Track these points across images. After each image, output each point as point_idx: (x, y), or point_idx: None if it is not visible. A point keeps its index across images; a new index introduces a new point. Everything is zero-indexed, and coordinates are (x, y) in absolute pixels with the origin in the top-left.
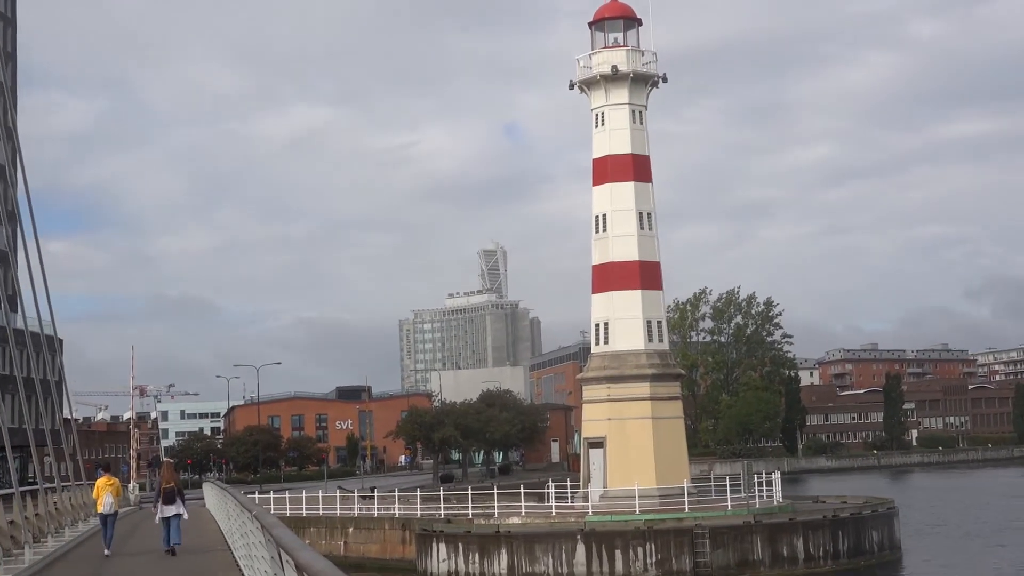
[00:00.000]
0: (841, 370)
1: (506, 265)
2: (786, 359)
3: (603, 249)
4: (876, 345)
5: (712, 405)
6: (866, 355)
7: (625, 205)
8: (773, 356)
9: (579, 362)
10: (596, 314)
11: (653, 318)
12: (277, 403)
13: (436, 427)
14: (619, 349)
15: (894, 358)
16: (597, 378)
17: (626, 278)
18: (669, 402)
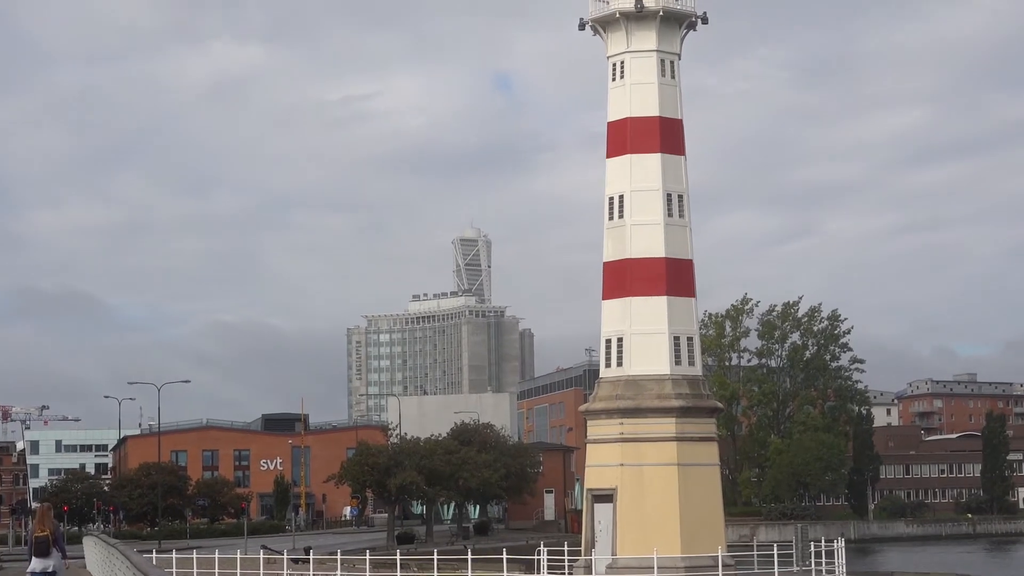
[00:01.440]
0: (928, 407)
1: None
2: (856, 391)
3: (619, 241)
4: (975, 376)
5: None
6: (961, 389)
7: (649, 184)
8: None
9: (583, 389)
10: (607, 327)
11: (682, 333)
12: (184, 434)
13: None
14: (637, 373)
15: (997, 393)
16: (607, 411)
17: (648, 280)
18: (701, 444)
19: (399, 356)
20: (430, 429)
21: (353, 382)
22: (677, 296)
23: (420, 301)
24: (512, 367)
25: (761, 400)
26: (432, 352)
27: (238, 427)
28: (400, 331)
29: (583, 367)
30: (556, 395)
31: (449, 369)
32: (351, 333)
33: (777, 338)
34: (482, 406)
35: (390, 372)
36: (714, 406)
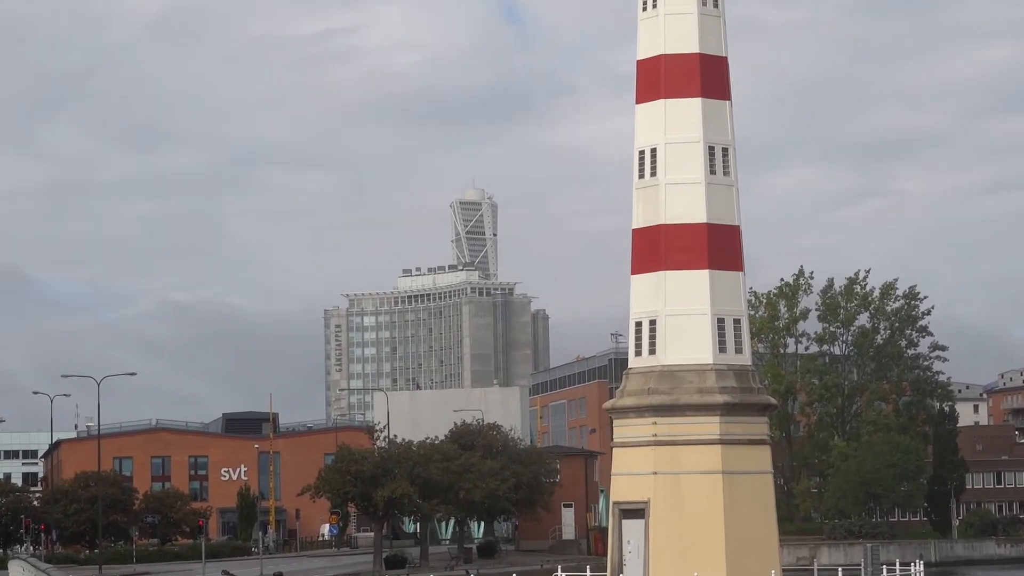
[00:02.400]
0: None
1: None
2: (937, 384)
3: (651, 204)
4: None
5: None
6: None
7: (687, 135)
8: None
9: (609, 382)
10: (638, 307)
11: (728, 315)
12: (129, 437)
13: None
14: (673, 363)
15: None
16: (637, 408)
17: (686, 250)
18: (751, 448)
19: (387, 343)
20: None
21: (332, 374)
22: (722, 270)
23: (412, 277)
24: (523, 356)
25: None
26: (427, 338)
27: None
28: (388, 313)
29: (608, 355)
30: (576, 389)
31: (447, 358)
32: (329, 316)
33: (842, 320)
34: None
35: (376, 362)
36: (766, 402)
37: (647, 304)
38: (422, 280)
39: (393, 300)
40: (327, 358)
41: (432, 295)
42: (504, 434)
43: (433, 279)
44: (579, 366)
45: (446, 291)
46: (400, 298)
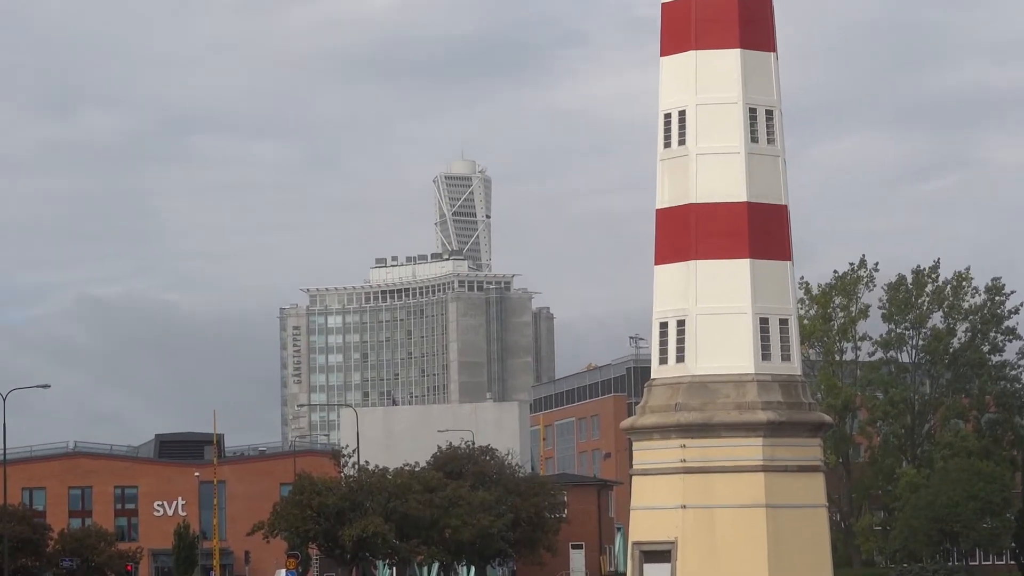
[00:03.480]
0: None
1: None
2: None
3: (679, 179)
4: None
5: (883, 484)
6: None
7: (724, 94)
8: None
9: (627, 396)
10: (663, 304)
11: (772, 313)
12: (42, 463)
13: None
14: (706, 372)
15: None
16: (662, 428)
17: (722, 235)
18: (801, 477)
19: (357, 348)
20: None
21: (289, 387)
22: (765, 259)
23: (387, 268)
24: (522, 364)
25: (888, 411)
26: (405, 343)
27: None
28: (358, 312)
29: (626, 364)
30: (587, 405)
31: (430, 367)
32: (286, 315)
33: (911, 320)
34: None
35: (343, 372)
36: (819, 420)
37: (674, 301)
38: (399, 272)
39: (364, 296)
40: (283, 367)
41: (412, 290)
42: (499, 459)
43: (413, 270)
44: (591, 377)
45: (429, 285)
46: (372, 293)
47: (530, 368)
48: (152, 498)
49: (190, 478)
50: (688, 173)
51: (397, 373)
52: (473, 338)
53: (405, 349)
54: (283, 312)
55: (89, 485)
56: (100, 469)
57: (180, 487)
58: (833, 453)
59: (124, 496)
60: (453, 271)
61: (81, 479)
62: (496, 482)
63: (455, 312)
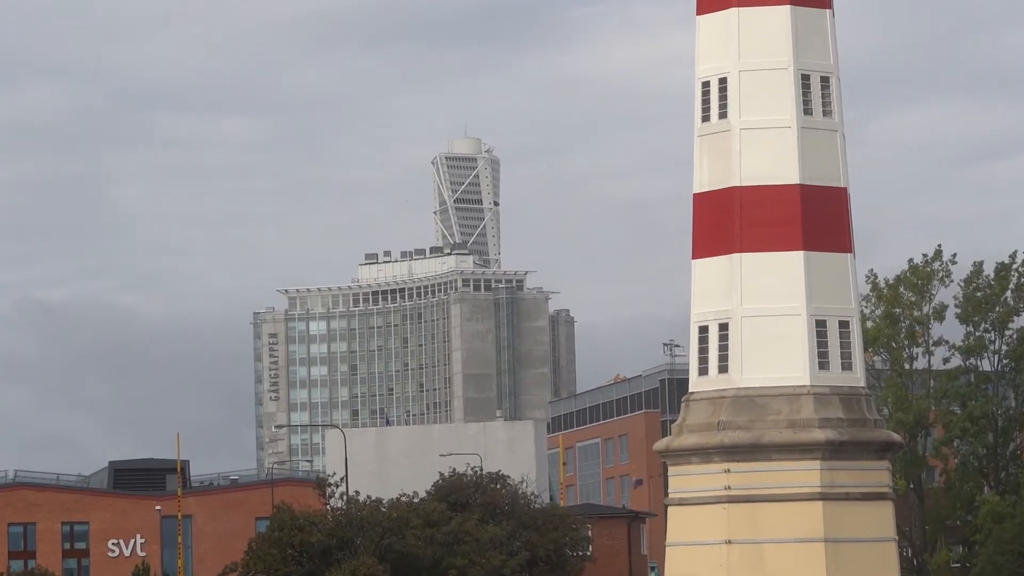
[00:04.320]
0: None
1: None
2: None
3: (720, 159)
4: None
5: (961, 513)
6: None
7: (771, 58)
8: None
9: (661, 413)
10: (702, 305)
11: (831, 315)
12: None
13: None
14: (754, 385)
15: None
16: (703, 450)
17: (772, 224)
18: (865, 505)
19: (344, 359)
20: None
21: (265, 405)
22: (822, 251)
23: (379, 264)
24: (538, 376)
25: (967, 428)
26: (401, 352)
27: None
28: (345, 316)
29: (660, 375)
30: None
31: (430, 380)
32: (261, 321)
33: (993, 322)
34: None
35: (329, 387)
36: (887, 439)
37: (715, 301)
38: (393, 269)
39: (352, 298)
40: (258, 381)
41: (408, 290)
42: (512, 488)
43: (409, 267)
44: (618, 390)
45: (427, 284)
46: (362, 295)
47: (547, 381)
48: (106, 536)
49: (150, 512)
50: (731, 151)
51: (391, 388)
52: (480, 346)
53: (400, 360)
54: (257, 317)
55: (32, 521)
56: (45, 502)
57: (138, 523)
58: (903, 478)
59: (73, 534)
60: (456, 268)
61: (23, 514)
62: (508, 514)
63: (459, 316)
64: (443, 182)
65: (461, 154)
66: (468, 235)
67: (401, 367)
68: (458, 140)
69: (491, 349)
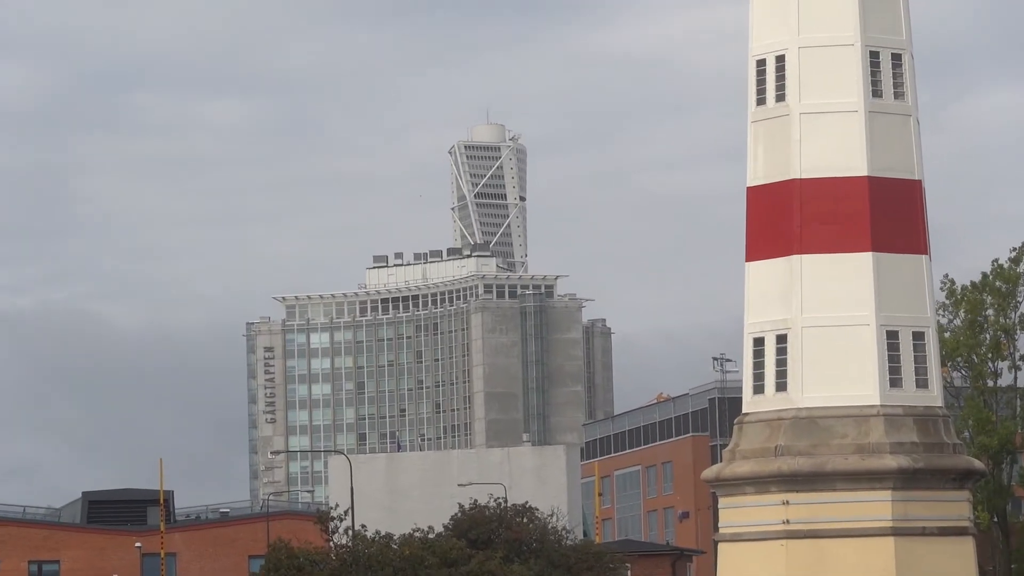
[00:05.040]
0: None
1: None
2: None
3: (776, 147)
4: None
5: None
6: None
7: (836, 32)
8: None
9: (711, 437)
10: (757, 314)
11: (904, 324)
12: None
13: None
14: (816, 405)
15: None
16: (758, 478)
17: (837, 222)
18: (943, 542)
19: (349, 376)
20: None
21: (261, 428)
22: (893, 252)
23: (389, 268)
24: (570, 395)
25: None
26: (414, 367)
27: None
28: (351, 327)
29: (710, 394)
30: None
31: (448, 399)
32: (255, 332)
33: None
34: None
35: (332, 407)
36: (967, 467)
37: (772, 310)
38: (405, 273)
39: (359, 306)
40: (252, 401)
41: (422, 297)
42: (541, 522)
43: (423, 271)
44: (662, 411)
45: (444, 291)
46: (370, 303)
47: (580, 400)
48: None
49: (129, 550)
50: (789, 139)
51: (403, 409)
52: (504, 361)
53: (414, 376)
54: (251, 328)
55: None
56: (10, 538)
57: (116, 561)
58: (985, 510)
59: (42, 573)
60: (476, 272)
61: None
62: (537, 552)
63: (480, 327)
64: (462, 174)
65: (483, 142)
66: (490, 235)
67: (415, 385)
68: (479, 126)
69: (517, 364)
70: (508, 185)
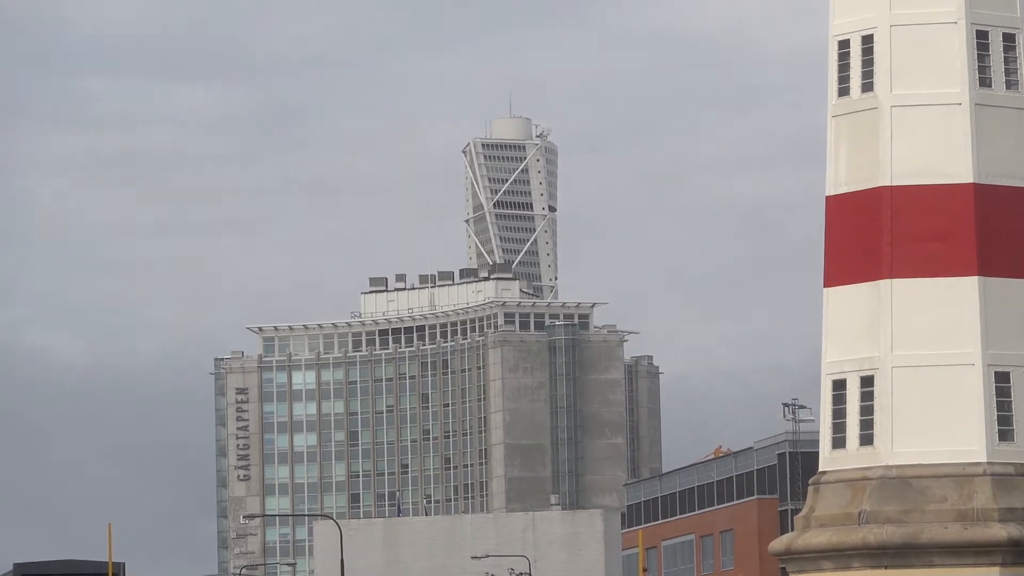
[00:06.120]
0: None
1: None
2: None
3: (863, 147)
4: None
5: None
6: None
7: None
8: None
9: (780, 499)
10: (837, 351)
11: (1016, 364)
12: None
13: None
14: (910, 462)
15: None
16: (839, 551)
17: (935, 239)
18: None
19: (340, 424)
20: None
21: (232, 486)
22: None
23: (389, 293)
24: (609, 448)
25: None
26: (420, 414)
27: None
28: (342, 364)
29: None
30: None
31: (460, 453)
32: (226, 369)
33: None
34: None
35: (319, 462)
36: None
37: (856, 346)
38: (409, 300)
39: (352, 339)
40: (221, 454)
41: (429, 329)
42: None
43: (431, 297)
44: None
45: (456, 321)
46: (366, 335)
47: (622, 455)
48: None
49: None
50: (878, 137)
51: (406, 464)
52: (529, 406)
53: (419, 425)
54: (221, 365)
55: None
56: None
57: None
58: None
59: None
60: (496, 298)
61: None
62: None
63: (500, 364)
64: (479, 179)
65: (504, 139)
66: (513, 252)
67: (419, 435)
68: (500, 120)
69: (544, 411)
70: (534, 192)
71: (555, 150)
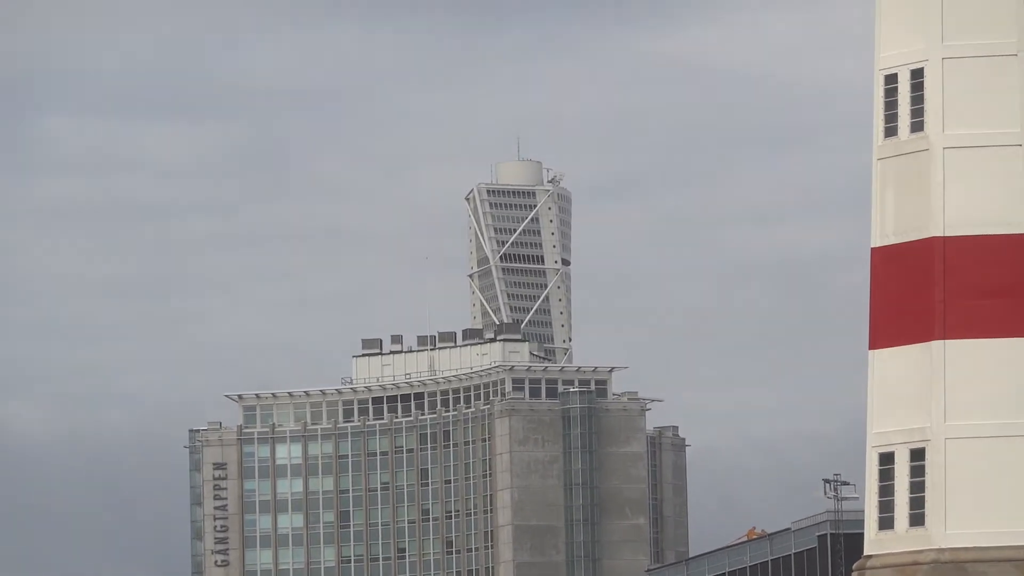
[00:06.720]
0: None
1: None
2: None
3: (911, 192)
4: None
5: None
6: None
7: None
8: None
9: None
10: (884, 422)
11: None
12: None
13: None
14: (964, 544)
15: None
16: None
17: (993, 296)
18: None
19: (328, 504)
20: None
21: (209, 572)
22: None
23: (384, 356)
24: (630, 530)
25: None
26: (419, 491)
27: None
28: (332, 436)
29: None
30: None
31: (463, 536)
32: (202, 442)
33: None
34: None
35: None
36: None
37: (905, 416)
38: (406, 364)
39: (343, 408)
40: (197, 537)
41: (428, 396)
42: None
43: (430, 361)
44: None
45: (459, 387)
46: (358, 403)
47: (645, 537)
48: None
49: None
50: (930, 182)
51: (403, 548)
52: (540, 483)
53: (417, 504)
54: (196, 437)
55: None
56: None
57: None
58: None
59: None
60: (503, 361)
61: None
62: None
63: (508, 436)
64: (483, 228)
65: (512, 185)
66: (522, 311)
67: (418, 516)
68: (508, 164)
69: (557, 488)
70: (546, 244)
71: (568, 197)
